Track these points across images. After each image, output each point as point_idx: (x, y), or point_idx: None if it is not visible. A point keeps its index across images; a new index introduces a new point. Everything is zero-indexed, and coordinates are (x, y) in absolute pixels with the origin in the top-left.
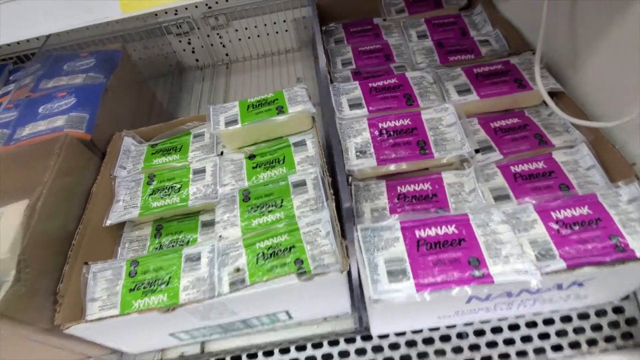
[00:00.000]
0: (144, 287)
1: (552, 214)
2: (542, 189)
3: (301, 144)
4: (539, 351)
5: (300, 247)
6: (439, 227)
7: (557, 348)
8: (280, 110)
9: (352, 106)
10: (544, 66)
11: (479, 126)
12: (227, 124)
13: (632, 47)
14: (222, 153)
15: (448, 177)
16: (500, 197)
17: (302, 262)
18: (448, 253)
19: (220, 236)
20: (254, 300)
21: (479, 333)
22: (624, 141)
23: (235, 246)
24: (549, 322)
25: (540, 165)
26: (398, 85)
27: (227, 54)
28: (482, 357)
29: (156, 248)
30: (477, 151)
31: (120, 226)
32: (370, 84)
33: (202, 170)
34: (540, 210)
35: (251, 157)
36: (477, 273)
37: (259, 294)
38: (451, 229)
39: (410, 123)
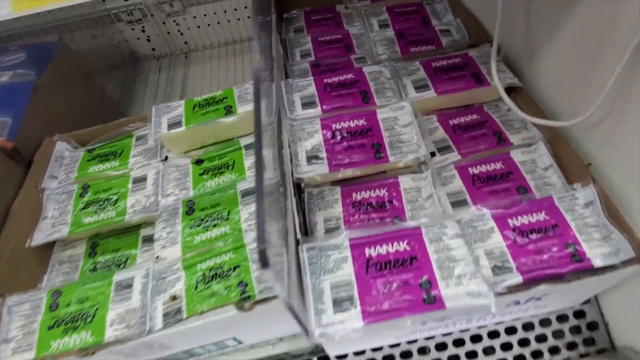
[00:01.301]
0: (65, 324)
1: (509, 221)
2: (500, 192)
3: (253, 146)
4: None
5: (246, 267)
6: (390, 245)
7: (519, 359)
8: (229, 110)
9: (305, 105)
10: (501, 59)
11: (437, 124)
12: (170, 126)
13: (587, 42)
14: (166, 158)
15: (405, 181)
16: (457, 203)
17: (246, 284)
18: (399, 275)
19: (157, 257)
20: (191, 334)
21: (441, 347)
22: (580, 140)
23: (173, 269)
24: (511, 330)
25: (499, 165)
26: (354, 81)
27: (185, 42)
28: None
29: (90, 270)
30: (432, 154)
31: (49, 246)
32: (325, 80)
33: (143, 179)
34: (498, 217)
35: (198, 162)
36: (428, 298)
37: (195, 328)
38: (403, 246)
39: (365, 123)
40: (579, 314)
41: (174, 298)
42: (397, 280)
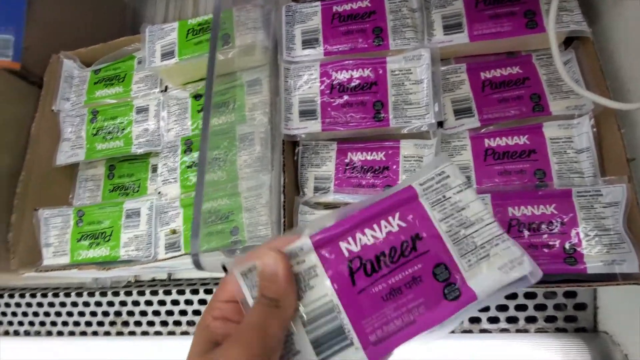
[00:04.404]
0: (90, 240)
1: (510, 209)
2: (513, 173)
3: (256, 83)
4: (474, 320)
5: (239, 214)
6: (372, 233)
7: (493, 320)
8: (226, 40)
9: (306, 42)
10: None
11: (465, 76)
12: (164, 56)
13: None
14: (166, 88)
15: (406, 147)
16: None
17: (238, 230)
18: (395, 276)
19: (159, 192)
20: (188, 264)
21: None
22: (635, 121)
23: (173, 205)
24: None
25: (522, 141)
26: (369, 13)
27: None
28: None
29: (110, 190)
30: (440, 124)
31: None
32: (334, 8)
33: (146, 109)
34: (497, 204)
35: (197, 97)
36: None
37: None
38: (395, 224)
39: (371, 75)
40: (570, 294)
41: (173, 232)
42: (396, 284)
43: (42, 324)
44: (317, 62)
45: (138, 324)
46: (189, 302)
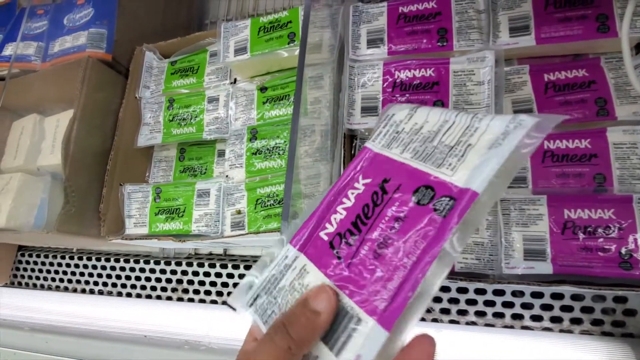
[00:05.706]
0: (166, 214)
1: (565, 211)
2: (571, 176)
3: (318, 78)
4: (516, 316)
5: (298, 200)
6: (342, 207)
7: (536, 318)
8: (292, 38)
9: (371, 42)
10: None
11: (527, 77)
12: (237, 51)
13: None
14: (235, 81)
15: None
16: (515, 180)
17: (297, 215)
18: (376, 230)
19: (227, 176)
20: (250, 242)
21: (462, 290)
22: None
23: (239, 188)
24: (537, 295)
25: (584, 145)
26: (435, 14)
27: None
28: (459, 310)
29: (180, 171)
30: None
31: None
32: (400, 9)
33: (216, 99)
34: (553, 206)
35: (263, 89)
36: (444, 207)
37: (253, 240)
38: (360, 186)
39: (433, 75)
40: (620, 299)
41: (238, 212)
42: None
43: (114, 285)
44: (381, 61)
45: (196, 292)
46: (242, 277)
